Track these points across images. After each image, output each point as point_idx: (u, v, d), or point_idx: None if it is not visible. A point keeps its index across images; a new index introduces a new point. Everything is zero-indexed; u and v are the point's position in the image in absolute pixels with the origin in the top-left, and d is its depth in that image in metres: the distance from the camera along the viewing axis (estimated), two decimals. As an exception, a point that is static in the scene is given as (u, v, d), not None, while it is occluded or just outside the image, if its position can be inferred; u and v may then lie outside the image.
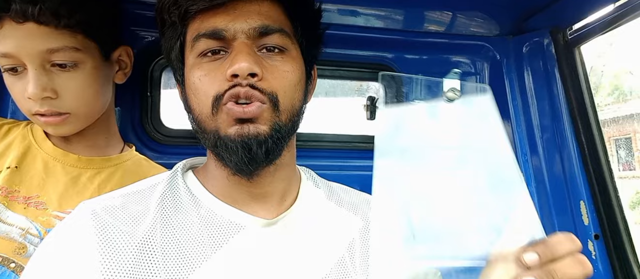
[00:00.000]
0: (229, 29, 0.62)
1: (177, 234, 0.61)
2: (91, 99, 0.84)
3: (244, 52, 0.60)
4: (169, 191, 0.66)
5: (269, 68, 0.63)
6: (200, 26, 0.63)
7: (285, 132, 0.64)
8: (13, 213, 0.80)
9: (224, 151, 0.61)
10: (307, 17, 0.71)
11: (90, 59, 0.81)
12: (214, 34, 0.62)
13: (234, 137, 0.60)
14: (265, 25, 0.63)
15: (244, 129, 0.60)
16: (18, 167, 0.83)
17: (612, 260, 1.22)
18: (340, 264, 0.68)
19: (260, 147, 0.60)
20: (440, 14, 1.29)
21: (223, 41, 0.63)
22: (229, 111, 0.60)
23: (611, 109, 14.62)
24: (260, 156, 0.61)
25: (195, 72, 0.63)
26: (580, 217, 1.26)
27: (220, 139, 0.62)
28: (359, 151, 1.40)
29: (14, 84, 0.79)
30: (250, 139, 0.60)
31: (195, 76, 0.63)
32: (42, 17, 0.74)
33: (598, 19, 1.18)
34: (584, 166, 1.27)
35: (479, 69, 1.47)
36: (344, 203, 0.76)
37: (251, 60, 0.60)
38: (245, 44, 0.62)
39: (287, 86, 0.64)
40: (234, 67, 0.59)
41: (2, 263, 0.77)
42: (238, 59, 0.60)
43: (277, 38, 0.64)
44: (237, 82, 0.60)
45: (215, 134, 0.62)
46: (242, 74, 0.59)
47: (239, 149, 0.60)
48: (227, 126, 0.61)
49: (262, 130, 0.61)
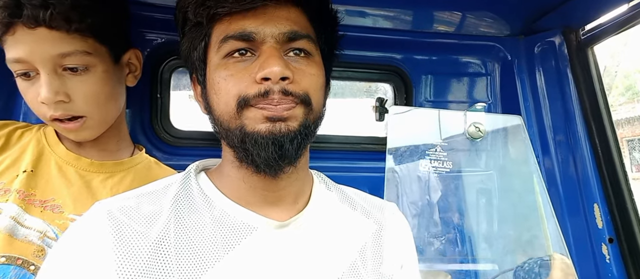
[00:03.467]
0: (259, 32, 0.62)
1: (191, 234, 0.62)
2: (103, 102, 0.84)
3: (275, 56, 0.61)
4: (182, 191, 0.66)
5: (297, 71, 0.63)
6: (228, 28, 0.63)
7: (312, 131, 0.65)
8: (31, 216, 0.81)
9: (253, 147, 0.61)
10: (329, 26, 0.73)
11: (101, 63, 0.82)
12: (242, 36, 0.62)
13: (265, 134, 0.61)
14: (294, 31, 0.64)
15: (275, 127, 0.61)
16: (33, 171, 0.84)
17: (626, 264, 1.20)
18: (352, 268, 0.67)
19: (292, 143, 0.61)
20: (450, 14, 1.28)
21: (251, 43, 0.63)
22: (260, 109, 0.61)
23: (624, 109, 14.38)
24: (292, 152, 0.62)
25: (221, 72, 0.63)
26: (593, 220, 1.24)
27: (248, 135, 0.61)
28: (368, 153, 1.39)
29: (28, 89, 0.80)
30: (283, 137, 0.61)
31: (220, 76, 0.63)
32: (54, 22, 0.75)
33: (612, 19, 1.16)
34: (598, 168, 1.25)
35: (490, 70, 1.46)
36: (357, 206, 0.76)
37: (283, 64, 0.60)
38: (275, 48, 0.62)
39: (315, 88, 0.65)
40: (265, 70, 0.60)
41: (23, 265, 0.78)
42: (270, 63, 0.60)
43: (304, 43, 0.65)
44: (268, 87, 0.60)
45: (242, 130, 0.62)
46: (275, 77, 0.60)
47: (270, 146, 0.60)
48: (256, 123, 0.61)
49: (293, 127, 0.61)
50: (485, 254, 0.88)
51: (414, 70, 1.40)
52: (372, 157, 1.39)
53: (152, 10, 1.14)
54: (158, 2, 1.12)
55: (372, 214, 0.76)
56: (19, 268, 0.78)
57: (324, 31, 0.70)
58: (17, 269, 0.78)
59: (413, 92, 1.40)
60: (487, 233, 0.88)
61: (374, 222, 0.75)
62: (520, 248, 0.79)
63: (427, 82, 1.43)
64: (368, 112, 1.44)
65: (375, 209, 0.77)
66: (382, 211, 0.78)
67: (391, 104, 1.44)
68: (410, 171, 0.80)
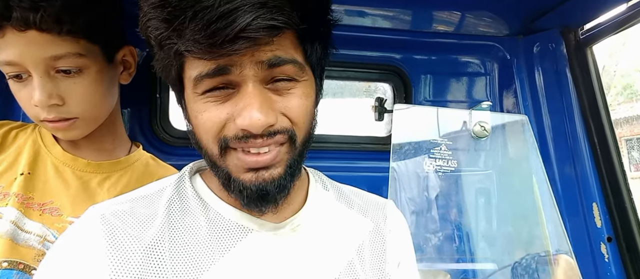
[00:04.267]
0: (235, 64, 0.54)
1: (185, 237, 0.61)
2: (97, 103, 0.83)
3: (256, 100, 0.54)
4: (176, 194, 0.66)
5: (281, 101, 0.57)
6: (201, 64, 0.54)
7: (297, 165, 0.62)
8: (30, 220, 0.80)
9: (237, 193, 0.60)
10: (321, 36, 0.64)
11: (94, 64, 0.81)
12: (218, 72, 0.54)
13: (249, 184, 0.59)
14: (276, 58, 0.55)
15: (259, 177, 0.59)
16: (31, 173, 0.84)
17: (625, 263, 1.20)
18: (350, 267, 0.67)
19: (276, 188, 0.60)
20: (449, 14, 1.28)
21: (228, 77, 0.55)
22: (242, 158, 0.58)
23: (623, 109, 14.41)
24: (277, 195, 0.60)
25: (198, 106, 0.58)
26: (592, 219, 1.24)
27: (233, 181, 0.60)
28: (367, 152, 1.39)
29: (20, 91, 0.79)
30: (267, 185, 0.59)
31: (197, 111, 0.58)
32: (44, 24, 0.73)
33: (610, 19, 1.16)
34: (597, 167, 1.25)
35: (489, 69, 1.46)
36: (354, 205, 0.76)
37: (265, 111, 0.54)
38: (254, 87, 0.55)
39: (303, 116, 0.60)
40: (245, 122, 0.54)
41: (24, 270, 0.78)
42: (249, 111, 0.54)
43: (288, 69, 0.57)
44: (248, 134, 0.55)
45: (227, 174, 0.60)
46: (256, 130, 0.55)
47: (254, 195, 0.59)
48: (239, 172, 0.59)
49: (276, 173, 0.59)
50: (485, 253, 0.88)
51: (413, 70, 1.40)
52: (371, 157, 1.39)
53: (151, 10, 1.13)
54: (157, 2, 1.12)
55: (369, 212, 0.76)
56: (21, 272, 0.77)
57: (316, 41, 0.63)
58: (19, 274, 0.77)
59: (412, 91, 1.40)
60: (491, 233, 0.88)
61: (371, 220, 0.74)
62: (520, 247, 0.79)
63: (427, 81, 1.43)
64: (367, 111, 1.45)
65: (372, 207, 0.77)
66: (379, 209, 0.77)
67: (390, 103, 1.44)
68: (408, 168, 0.80)
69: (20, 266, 0.78)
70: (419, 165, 0.81)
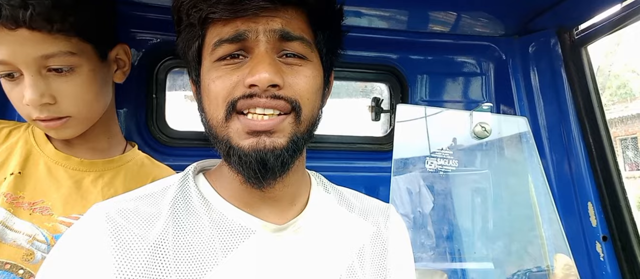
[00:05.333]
0: (251, 30, 0.60)
1: (189, 237, 0.61)
2: (90, 102, 0.83)
3: (265, 61, 0.59)
4: (180, 194, 0.66)
5: (289, 74, 0.61)
6: (221, 31, 0.61)
7: (302, 142, 0.63)
8: (19, 219, 0.79)
9: (237, 163, 0.61)
10: (330, 26, 0.69)
11: (86, 62, 0.80)
12: (235, 38, 0.60)
13: (248, 151, 0.59)
14: (286, 32, 0.61)
15: (259, 143, 0.59)
16: (21, 172, 0.83)
17: (620, 262, 1.21)
18: (350, 270, 0.67)
19: (277, 160, 0.60)
20: (445, 14, 1.29)
21: (243, 43, 0.61)
22: (244, 122, 0.59)
23: (617, 108, 14.51)
24: (277, 168, 0.60)
25: (212, 74, 0.62)
26: (588, 218, 1.25)
27: (232, 149, 0.61)
28: (364, 152, 1.39)
29: (12, 90, 0.78)
30: (267, 153, 0.59)
31: (211, 78, 0.62)
32: (34, 22, 0.71)
33: (605, 19, 1.17)
34: (592, 166, 1.26)
35: (485, 70, 1.46)
36: (355, 209, 0.76)
37: (272, 70, 0.58)
38: (266, 52, 0.60)
39: (309, 93, 0.62)
40: (254, 77, 0.58)
41: (11, 270, 0.77)
42: (258, 69, 0.58)
43: (297, 46, 0.62)
44: (255, 92, 0.59)
45: (227, 142, 0.61)
46: (263, 85, 0.58)
47: (253, 163, 0.59)
48: (240, 138, 0.60)
49: (278, 143, 0.60)
50: (482, 253, 0.88)
51: (409, 70, 1.41)
52: (368, 157, 1.39)
53: (146, 11, 1.13)
54: (153, 2, 1.12)
55: (369, 216, 0.76)
56: (7, 272, 0.77)
57: (325, 30, 0.68)
58: (5, 274, 0.76)
59: (409, 92, 1.41)
60: (489, 234, 0.88)
61: (372, 224, 0.75)
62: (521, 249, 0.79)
63: (423, 81, 1.43)
64: (364, 112, 1.45)
65: (373, 211, 0.77)
66: (379, 212, 0.78)
67: (387, 103, 1.44)
68: (399, 184, 0.81)
69: (7, 266, 0.77)
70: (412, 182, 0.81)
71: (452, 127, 0.78)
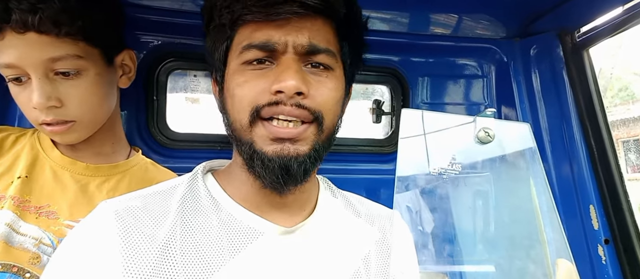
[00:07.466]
0: (281, 42, 0.61)
1: (197, 237, 0.61)
2: (96, 106, 0.83)
3: (292, 69, 0.60)
4: (189, 193, 0.66)
5: (314, 84, 0.63)
6: (251, 35, 0.62)
7: (323, 151, 0.64)
8: (26, 223, 0.80)
9: (260, 167, 0.61)
10: (356, 38, 0.72)
11: (93, 66, 0.81)
12: (265, 47, 0.61)
13: (272, 156, 0.60)
14: (314, 45, 0.62)
15: (283, 149, 0.60)
16: (28, 176, 0.83)
17: (622, 265, 1.20)
18: (356, 275, 0.67)
19: (300, 167, 0.61)
20: (447, 16, 1.29)
21: (271, 52, 0.62)
22: (268, 128, 0.60)
23: (619, 111, 14.48)
24: (299, 174, 0.61)
25: (238, 78, 0.63)
26: (590, 221, 1.24)
27: (256, 154, 0.61)
28: (365, 155, 1.39)
29: (19, 94, 0.79)
30: (291, 159, 0.60)
31: (236, 82, 0.63)
32: (43, 26, 0.73)
33: (607, 21, 1.17)
34: (594, 169, 1.25)
35: (486, 72, 1.46)
36: (361, 214, 0.76)
37: (299, 78, 0.60)
38: (293, 60, 0.62)
39: (331, 104, 0.64)
40: (281, 84, 0.59)
41: (18, 273, 0.77)
42: (285, 76, 0.59)
43: (323, 57, 0.64)
44: (280, 99, 0.60)
45: (251, 146, 0.62)
46: (289, 92, 0.59)
47: (277, 168, 0.60)
48: (264, 143, 0.61)
49: (301, 150, 0.61)
50: (483, 256, 0.88)
51: (410, 72, 1.41)
52: (369, 159, 1.39)
53: (148, 13, 1.13)
54: (155, 4, 1.12)
55: (375, 222, 0.76)
56: (14, 275, 0.77)
57: (350, 40, 0.69)
58: (13, 277, 0.77)
59: (410, 94, 1.40)
60: (490, 237, 0.88)
61: (378, 230, 0.75)
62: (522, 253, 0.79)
63: (424, 84, 1.43)
64: (365, 114, 1.45)
65: (378, 217, 0.77)
66: (385, 219, 0.78)
67: (388, 106, 1.44)
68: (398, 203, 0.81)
69: (14, 269, 0.77)
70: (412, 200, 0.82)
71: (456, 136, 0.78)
